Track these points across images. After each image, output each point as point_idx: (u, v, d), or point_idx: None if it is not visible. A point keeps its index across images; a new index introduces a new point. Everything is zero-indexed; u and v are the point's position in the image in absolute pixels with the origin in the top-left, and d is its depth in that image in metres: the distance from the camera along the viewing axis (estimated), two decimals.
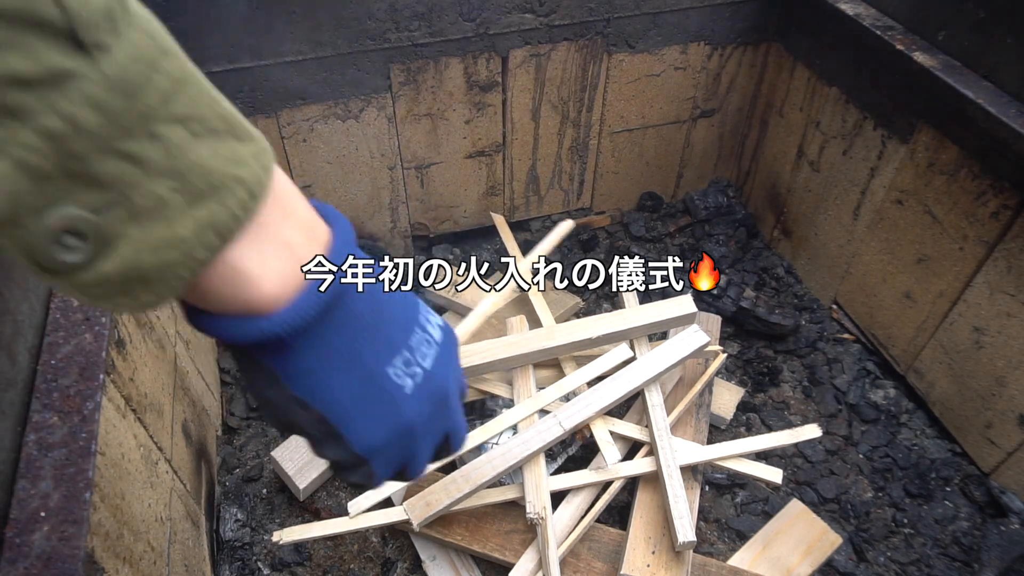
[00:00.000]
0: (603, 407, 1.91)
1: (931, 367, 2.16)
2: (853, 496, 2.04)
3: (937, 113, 1.94)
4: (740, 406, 2.23)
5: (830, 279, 2.52)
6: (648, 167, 2.81)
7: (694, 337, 2.01)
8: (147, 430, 1.47)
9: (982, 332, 1.96)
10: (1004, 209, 1.81)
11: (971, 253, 1.93)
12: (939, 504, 2.01)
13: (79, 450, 1.00)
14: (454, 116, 2.42)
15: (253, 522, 1.97)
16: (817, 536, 1.89)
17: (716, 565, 1.81)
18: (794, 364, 2.41)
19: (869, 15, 2.08)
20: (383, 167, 2.46)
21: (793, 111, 2.52)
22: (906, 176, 2.09)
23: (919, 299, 2.15)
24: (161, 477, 1.51)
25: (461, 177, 2.60)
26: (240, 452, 2.14)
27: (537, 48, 2.33)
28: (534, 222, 2.84)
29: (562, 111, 2.53)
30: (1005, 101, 1.73)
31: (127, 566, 1.21)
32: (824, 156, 2.41)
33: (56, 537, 0.92)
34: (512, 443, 1.84)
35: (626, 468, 1.88)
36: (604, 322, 2.06)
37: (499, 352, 1.98)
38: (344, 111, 2.28)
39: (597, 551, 1.81)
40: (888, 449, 2.14)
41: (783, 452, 2.14)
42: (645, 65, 2.49)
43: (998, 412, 1.96)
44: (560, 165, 2.70)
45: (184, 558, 1.56)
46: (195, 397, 1.94)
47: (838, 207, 2.40)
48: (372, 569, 1.89)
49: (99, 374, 1.08)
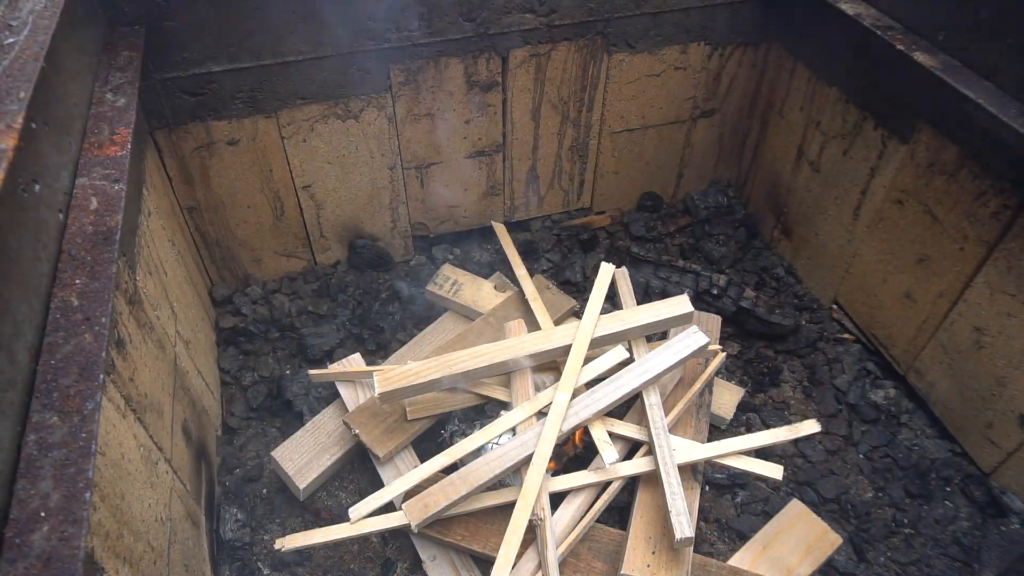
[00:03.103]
0: (601, 409, 1.92)
1: (931, 367, 2.16)
2: (853, 496, 2.04)
3: (937, 113, 1.94)
4: (740, 406, 2.23)
5: (830, 279, 2.52)
6: (648, 167, 2.81)
7: (693, 338, 2.01)
8: (147, 430, 1.47)
9: (982, 332, 1.95)
10: (1004, 209, 1.81)
11: (971, 253, 1.93)
12: (939, 504, 2.00)
13: (79, 450, 1.00)
14: (454, 116, 2.42)
15: (253, 522, 1.97)
16: (817, 536, 1.89)
17: (716, 565, 1.81)
18: (794, 364, 2.41)
19: (869, 15, 2.08)
20: (383, 167, 2.46)
21: (793, 111, 2.52)
22: (906, 176, 2.09)
23: (919, 299, 2.15)
24: (161, 477, 1.51)
25: (461, 177, 2.60)
26: (240, 452, 2.14)
27: (537, 48, 2.33)
28: (534, 222, 2.84)
29: (562, 111, 2.53)
30: (1005, 101, 1.73)
31: (127, 566, 1.21)
32: (824, 156, 2.41)
33: (56, 537, 0.92)
34: (510, 445, 1.84)
35: (625, 468, 1.88)
36: (602, 324, 2.06)
37: (497, 356, 1.98)
38: (344, 111, 2.28)
39: (597, 551, 1.81)
40: (888, 449, 2.14)
41: (783, 452, 2.14)
42: (645, 65, 2.49)
43: (998, 412, 1.96)
44: (560, 165, 2.70)
45: (184, 558, 1.56)
46: (195, 397, 1.94)
47: (838, 207, 2.40)
48: (372, 569, 1.89)
49: (99, 374, 1.08)
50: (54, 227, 1.25)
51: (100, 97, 1.62)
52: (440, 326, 2.40)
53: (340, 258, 2.67)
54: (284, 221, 2.48)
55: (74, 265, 1.22)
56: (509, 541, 1.69)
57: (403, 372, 1.91)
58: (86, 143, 1.47)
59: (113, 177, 1.39)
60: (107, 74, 1.70)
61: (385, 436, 1.99)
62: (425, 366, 1.93)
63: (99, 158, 1.44)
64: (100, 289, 1.19)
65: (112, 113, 1.57)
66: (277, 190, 2.38)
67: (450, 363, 1.95)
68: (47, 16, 1.43)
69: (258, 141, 2.25)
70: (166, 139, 2.15)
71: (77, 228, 1.28)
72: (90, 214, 1.31)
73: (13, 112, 1.17)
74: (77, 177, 1.39)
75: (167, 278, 1.91)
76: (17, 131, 1.13)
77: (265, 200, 2.40)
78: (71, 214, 1.31)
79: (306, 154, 2.33)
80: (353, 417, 2.03)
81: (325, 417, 2.12)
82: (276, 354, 2.38)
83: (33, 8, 1.45)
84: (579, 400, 1.92)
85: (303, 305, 2.53)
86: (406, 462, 2.01)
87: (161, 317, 1.76)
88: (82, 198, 1.34)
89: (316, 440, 2.06)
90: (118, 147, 1.46)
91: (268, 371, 2.32)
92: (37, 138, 1.23)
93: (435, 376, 1.91)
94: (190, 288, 2.20)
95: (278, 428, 2.20)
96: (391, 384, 1.89)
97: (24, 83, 1.23)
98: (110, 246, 1.25)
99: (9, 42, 1.34)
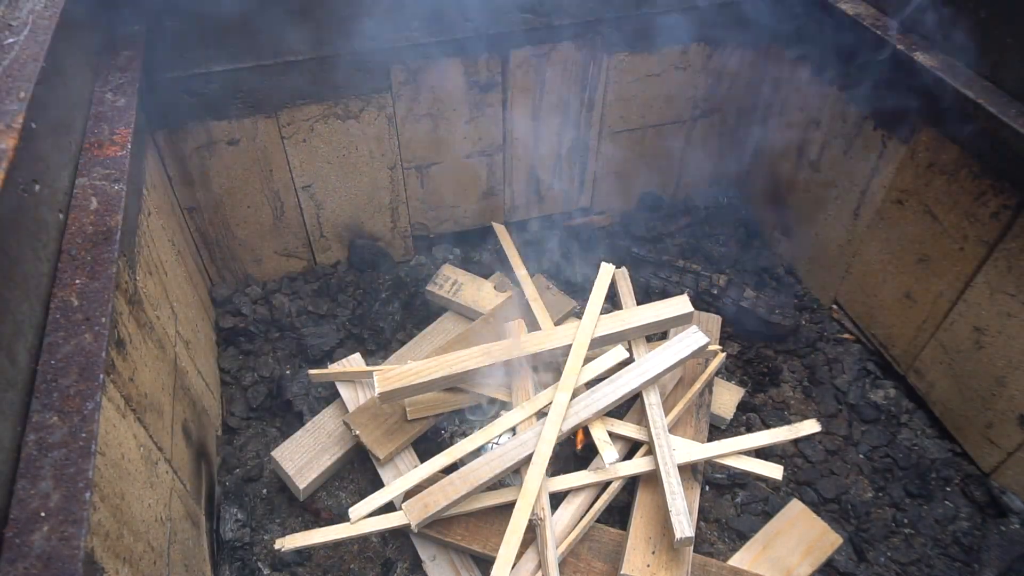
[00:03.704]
0: (601, 409, 1.92)
1: (931, 367, 2.16)
2: (853, 496, 2.04)
3: (937, 113, 1.94)
4: (740, 406, 2.23)
5: (830, 279, 2.52)
6: (648, 167, 2.81)
7: (693, 338, 2.01)
8: (147, 430, 1.47)
9: (982, 332, 1.96)
10: (1004, 209, 1.81)
11: (971, 253, 1.93)
12: (939, 504, 2.00)
13: (79, 450, 1.00)
14: (454, 116, 2.42)
15: (253, 522, 1.97)
16: (817, 536, 1.89)
17: (716, 565, 1.81)
18: (794, 364, 2.41)
19: (869, 15, 2.08)
20: (383, 167, 2.46)
21: (793, 111, 2.52)
22: (906, 176, 2.09)
23: (919, 299, 2.15)
24: (161, 477, 1.51)
25: (461, 177, 2.60)
26: (240, 452, 2.14)
27: (537, 48, 2.33)
28: (534, 222, 2.84)
29: (562, 111, 2.53)
30: (1005, 101, 1.73)
31: (127, 566, 1.21)
32: (824, 156, 2.41)
33: (56, 537, 0.92)
34: (510, 445, 1.84)
35: (625, 468, 1.88)
36: (602, 324, 2.06)
37: (497, 356, 1.98)
38: (344, 111, 2.28)
39: (597, 551, 1.81)
40: (888, 449, 2.14)
41: (783, 452, 2.14)
42: (645, 65, 2.48)
43: (998, 412, 1.96)
44: (560, 165, 2.70)
45: (184, 558, 1.56)
46: (195, 397, 1.94)
47: (838, 207, 2.40)
48: (372, 569, 1.89)
49: (99, 374, 1.08)
50: (54, 227, 1.25)
51: (100, 97, 1.62)
52: (440, 326, 2.40)
53: (340, 258, 2.67)
54: (284, 221, 2.48)
55: (74, 265, 1.22)
56: (509, 541, 1.69)
57: (403, 372, 1.91)
58: (86, 143, 1.47)
59: (113, 177, 1.39)
60: (107, 74, 1.70)
61: (386, 438, 1.99)
62: (425, 366, 1.93)
63: (99, 158, 1.44)
64: (100, 289, 1.19)
65: (112, 113, 1.57)
66: (277, 190, 2.38)
67: (450, 363, 1.95)
68: (47, 16, 1.43)
69: (258, 141, 2.25)
70: (166, 139, 2.15)
71: (77, 228, 1.28)
72: (90, 214, 1.31)
73: (13, 112, 1.17)
74: (77, 177, 1.39)
75: (167, 278, 1.91)
76: (17, 131, 1.13)
77: (265, 200, 2.40)
78: (71, 214, 1.31)
79: (306, 154, 2.33)
80: (354, 418, 2.03)
81: (325, 417, 2.12)
82: (276, 354, 2.38)
83: (33, 8, 1.45)
84: (579, 400, 1.92)
85: (303, 305, 2.53)
86: (406, 462, 2.01)
87: (161, 317, 1.76)
88: (82, 198, 1.34)
89: (316, 440, 2.06)
90: (118, 147, 1.46)
91: (268, 371, 2.32)
92: (37, 138, 1.23)
93: (435, 376, 1.91)
94: (190, 288, 2.20)
95: (278, 428, 2.20)
96: (391, 384, 1.89)
97: (24, 83, 1.23)
98: (110, 246, 1.25)
99: (9, 42, 1.34)
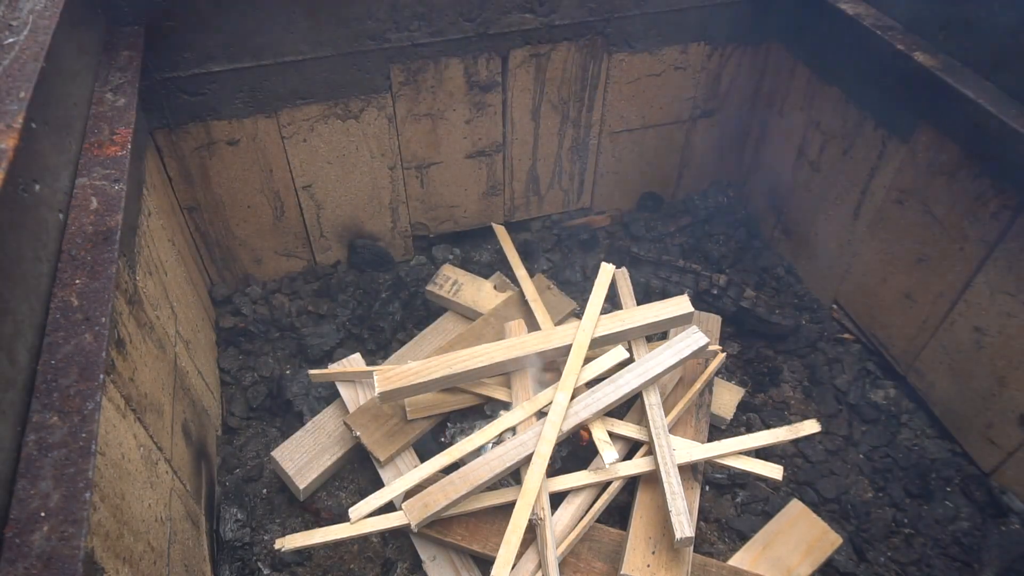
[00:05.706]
0: (601, 409, 1.92)
1: (931, 367, 2.16)
2: (853, 496, 2.04)
3: (937, 113, 1.94)
4: (740, 406, 2.23)
5: (830, 279, 2.52)
6: (648, 167, 2.81)
7: (693, 338, 2.01)
8: (147, 430, 1.47)
9: (982, 332, 1.95)
10: (1004, 209, 1.81)
11: (971, 253, 1.93)
12: (939, 504, 2.00)
13: (79, 450, 1.00)
14: (454, 116, 2.42)
15: (253, 522, 1.97)
16: (817, 536, 1.89)
17: (716, 565, 1.81)
18: (794, 364, 2.41)
19: (869, 15, 2.08)
20: (383, 167, 2.46)
21: (793, 111, 2.52)
22: (906, 176, 2.09)
23: (919, 299, 2.15)
24: (161, 477, 1.51)
25: (461, 177, 2.60)
26: (240, 452, 2.14)
27: (537, 48, 2.33)
28: (534, 222, 2.84)
29: (562, 111, 2.53)
30: (1005, 101, 1.73)
31: (127, 566, 1.21)
32: (824, 156, 2.41)
33: (56, 537, 0.92)
34: (510, 445, 1.84)
35: (625, 468, 1.88)
36: (602, 324, 2.06)
37: (497, 356, 1.98)
38: (344, 111, 2.28)
39: (597, 551, 1.81)
40: (888, 449, 2.14)
41: (783, 452, 2.14)
42: (645, 65, 2.48)
43: (998, 412, 1.96)
44: (560, 165, 2.70)
45: (184, 558, 1.56)
46: (195, 397, 1.94)
47: (838, 207, 2.40)
48: (372, 569, 1.89)
49: (99, 374, 1.08)
50: (54, 227, 1.25)
51: (100, 97, 1.62)
52: (440, 326, 2.40)
53: (340, 258, 2.67)
54: (284, 221, 2.48)
55: (74, 265, 1.22)
56: (509, 541, 1.69)
57: (403, 372, 1.91)
58: (86, 143, 1.47)
59: (113, 177, 1.39)
60: (107, 74, 1.70)
61: (386, 439, 1.99)
62: (425, 366, 1.93)
63: (99, 158, 1.44)
64: (100, 289, 1.19)
65: (112, 113, 1.57)
66: (277, 190, 2.38)
67: (450, 363, 1.95)
68: (47, 16, 1.43)
69: (258, 141, 2.25)
70: (166, 139, 2.15)
71: (77, 228, 1.28)
72: (90, 214, 1.31)
73: (13, 112, 1.17)
74: (77, 177, 1.39)
75: (167, 278, 1.91)
76: (17, 131, 1.13)
77: (265, 200, 2.40)
78: (71, 214, 1.31)
79: (306, 154, 2.33)
80: (354, 419, 2.02)
81: (325, 417, 2.12)
82: (276, 354, 2.38)
83: (33, 8, 1.45)
84: (579, 400, 1.92)
85: (303, 305, 2.53)
86: (406, 462, 2.01)
87: (161, 317, 1.76)
88: (82, 198, 1.34)
89: (316, 440, 2.06)
90: (118, 147, 1.46)
91: (268, 371, 2.32)
92: (37, 138, 1.23)
93: (435, 376, 1.91)
94: (190, 288, 2.20)
95: (278, 428, 2.20)
96: (391, 384, 1.89)
97: (24, 83, 1.23)
98: (110, 246, 1.25)
99: (9, 42, 1.34)
